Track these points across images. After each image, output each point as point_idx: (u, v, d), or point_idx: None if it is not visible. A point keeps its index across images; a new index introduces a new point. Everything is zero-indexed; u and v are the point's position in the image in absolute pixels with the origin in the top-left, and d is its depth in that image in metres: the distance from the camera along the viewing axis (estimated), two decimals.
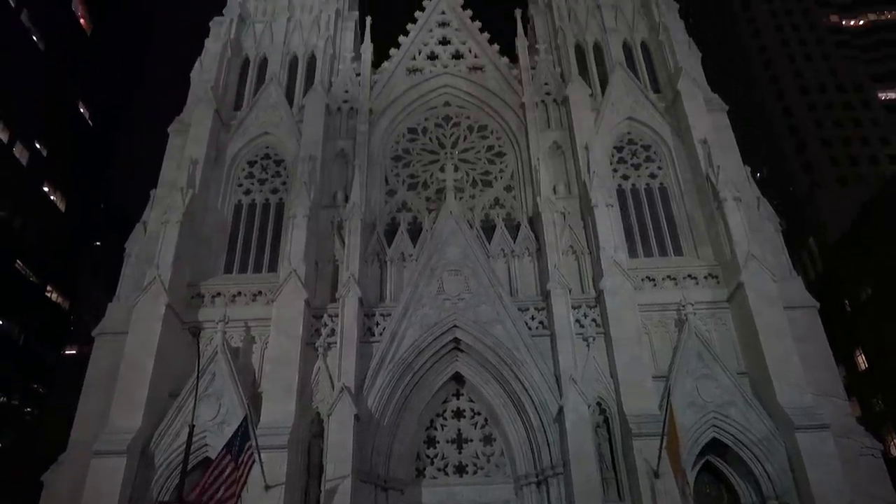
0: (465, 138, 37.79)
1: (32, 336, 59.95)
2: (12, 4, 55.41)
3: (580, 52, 39.22)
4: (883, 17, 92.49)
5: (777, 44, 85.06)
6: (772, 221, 32.81)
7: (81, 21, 68.24)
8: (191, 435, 22.44)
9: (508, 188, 36.05)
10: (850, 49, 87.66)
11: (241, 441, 22.63)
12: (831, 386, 28.04)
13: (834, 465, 24.56)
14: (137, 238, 32.92)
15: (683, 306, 29.10)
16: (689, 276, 31.12)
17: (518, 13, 41.12)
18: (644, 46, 39.23)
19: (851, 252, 57.05)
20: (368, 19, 40.99)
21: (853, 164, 74.94)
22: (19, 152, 57.33)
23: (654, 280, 31.12)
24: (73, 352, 69.34)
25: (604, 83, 37.43)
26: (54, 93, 62.62)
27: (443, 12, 41.43)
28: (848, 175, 73.46)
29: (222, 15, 40.54)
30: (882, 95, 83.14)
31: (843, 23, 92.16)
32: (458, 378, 30.56)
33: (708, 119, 34.32)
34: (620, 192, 33.86)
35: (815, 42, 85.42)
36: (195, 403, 23.64)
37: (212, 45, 39.00)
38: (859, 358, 56.83)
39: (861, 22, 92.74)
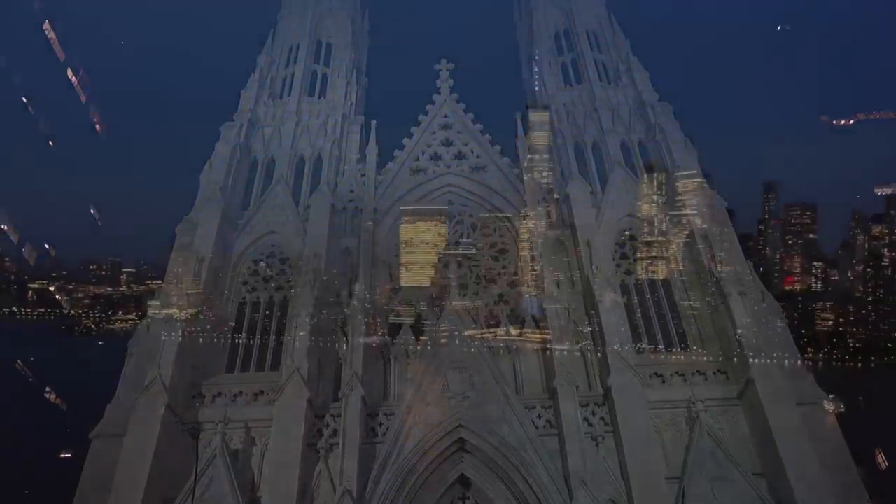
0: (468, 236, 38.24)
1: (28, 439, 58.57)
2: (31, 111, 57.68)
3: (579, 151, 40.24)
4: None
5: None
6: (777, 315, 32.61)
7: (97, 127, 70.73)
8: None
9: (512, 284, 36.14)
10: None
11: None
12: (851, 486, 27.04)
13: None
14: (140, 337, 32.75)
15: (693, 403, 28.51)
16: (698, 371, 30.72)
17: (518, 115, 42.53)
18: (641, 145, 40.26)
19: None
20: (374, 122, 42.37)
21: None
22: (28, 252, 58.02)
23: (662, 376, 30.63)
24: (69, 455, 67.51)
25: (603, 181, 38.21)
26: (65, 193, 64.09)
27: (445, 115, 42.80)
28: None
29: (233, 120, 41.92)
30: (879, 191, 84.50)
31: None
32: (463, 480, 29.53)
33: (708, 215, 34.77)
34: (625, 288, 33.90)
35: None
36: None
37: (221, 148, 40.05)
38: (879, 457, 54.86)
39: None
